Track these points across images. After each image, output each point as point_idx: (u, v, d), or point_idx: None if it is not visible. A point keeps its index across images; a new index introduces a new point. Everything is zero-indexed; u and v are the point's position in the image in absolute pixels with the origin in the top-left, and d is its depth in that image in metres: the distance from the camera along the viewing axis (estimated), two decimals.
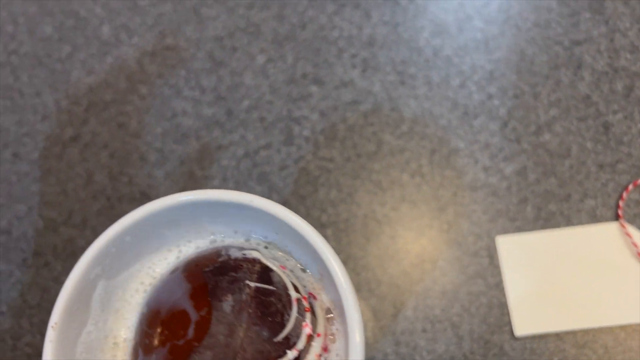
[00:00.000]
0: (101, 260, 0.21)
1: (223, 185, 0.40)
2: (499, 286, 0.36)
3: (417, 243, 0.37)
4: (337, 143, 0.40)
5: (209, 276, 0.21)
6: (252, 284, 0.21)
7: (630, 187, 0.36)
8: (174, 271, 0.22)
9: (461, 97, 0.40)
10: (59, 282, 0.40)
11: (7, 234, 0.41)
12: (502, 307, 0.35)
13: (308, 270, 0.23)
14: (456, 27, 0.41)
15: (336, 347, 0.21)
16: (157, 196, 0.41)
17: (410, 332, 0.35)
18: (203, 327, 0.20)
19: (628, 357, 0.33)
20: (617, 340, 0.34)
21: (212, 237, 0.23)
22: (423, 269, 0.37)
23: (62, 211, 0.41)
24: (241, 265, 0.22)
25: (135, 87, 0.43)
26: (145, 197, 0.41)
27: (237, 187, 0.40)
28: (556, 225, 0.36)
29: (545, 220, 0.36)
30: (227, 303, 0.20)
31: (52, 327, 0.20)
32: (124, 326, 0.22)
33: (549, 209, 0.37)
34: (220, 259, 0.22)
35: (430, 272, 0.36)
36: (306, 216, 0.39)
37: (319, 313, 0.23)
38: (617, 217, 0.36)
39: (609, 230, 0.36)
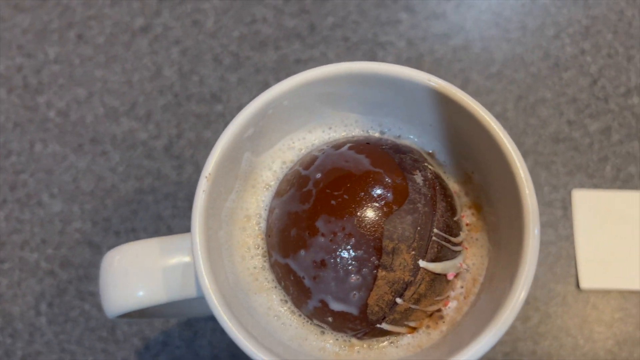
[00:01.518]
0: (257, 120, 0.20)
1: None
2: (569, 238, 0.35)
3: None
4: None
5: (391, 152, 0.21)
6: (431, 167, 0.21)
7: None
8: (332, 145, 0.21)
9: (554, 47, 0.39)
10: (116, 172, 0.38)
11: (64, 116, 0.39)
12: (570, 259, 0.35)
13: (446, 172, 0.23)
14: None
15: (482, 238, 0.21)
16: (229, 100, 0.39)
17: None
18: (401, 193, 0.19)
19: None
20: None
21: (355, 127, 0.22)
22: None
23: (125, 101, 0.40)
24: (412, 150, 0.21)
25: None
26: (216, 100, 0.39)
27: None
28: (633, 187, 0.36)
29: (623, 181, 0.36)
30: (418, 177, 0.20)
31: (206, 177, 0.19)
32: (260, 210, 0.21)
33: (629, 170, 0.36)
34: (389, 142, 0.21)
35: None
36: None
37: None
38: None
39: None
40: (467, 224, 0.22)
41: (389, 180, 0.20)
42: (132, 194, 0.38)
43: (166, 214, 0.37)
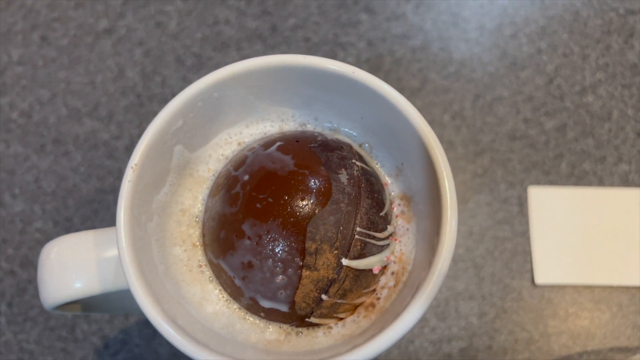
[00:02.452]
0: (186, 112, 0.20)
1: None
2: (525, 234, 0.36)
3: None
4: (381, 75, 0.39)
5: (318, 151, 0.21)
6: (359, 163, 0.21)
7: None
8: (263, 144, 0.22)
9: (511, 47, 0.40)
10: (78, 172, 0.38)
11: (27, 117, 0.40)
12: (526, 255, 0.36)
13: (378, 164, 0.23)
14: None
15: (412, 228, 0.22)
16: None
17: None
18: (324, 193, 0.20)
19: None
20: (633, 299, 0.35)
21: (292, 121, 0.23)
22: None
23: (88, 102, 0.40)
24: (342, 146, 0.22)
25: None
26: None
27: None
28: (588, 184, 0.37)
29: (578, 177, 0.37)
30: (343, 176, 0.21)
31: (132, 168, 0.19)
32: (196, 206, 0.22)
33: (583, 167, 0.37)
34: (319, 139, 0.22)
35: (459, 212, 0.36)
36: None
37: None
38: None
39: (638, 196, 0.36)
40: (397, 216, 0.22)
41: (313, 182, 0.20)
42: (94, 193, 0.38)
43: None
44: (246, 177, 0.21)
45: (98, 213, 0.38)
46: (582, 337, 0.34)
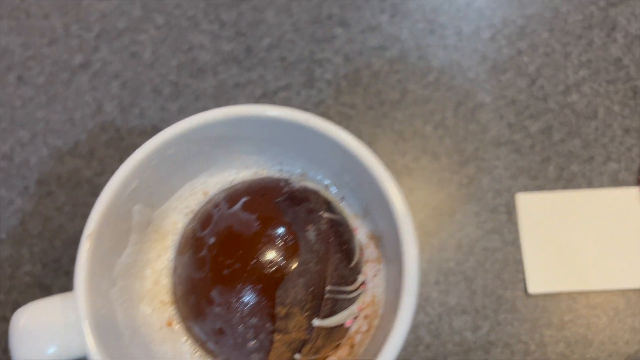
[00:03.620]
0: (140, 173, 0.20)
1: None
2: (515, 243, 0.35)
3: (435, 196, 0.36)
4: (360, 89, 0.39)
5: (284, 207, 0.21)
6: (327, 215, 0.21)
7: None
8: (228, 200, 0.21)
9: (491, 50, 0.39)
10: (62, 212, 0.38)
11: (8, 160, 0.40)
12: (517, 264, 0.35)
13: (346, 206, 0.23)
14: None
15: (382, 269, 0.21)
16: None
17: (423, 283, 0.35)
18: (292, 255, 0.20)
19: (638, 320, 0.34)
20: (629, 303, 0.34)
21: (255, 168, 0.22)
22: (440, 221, 0.36)
23: (68, 140, 0.40)
24: (308, 197, 0.21)
25: (150, 15, 0.41)
26: (157, 131, 0.38)
27: None
28: (577, 186, 0.36)
29: (566, 180, 0.36)
30: (310, 233, 0.20)
31: (88, 236, 0.19)
32: (164, 260, 0.21)
33: (572, 169, 0.36)
34: (285, 190, 0.21)
35: (447, 225, 0.36)
36: None
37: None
38: (638, 182, 0.36)
39: (629, 195, 0.35)
40: (366, 261, 0.22)
41: (280, 243, 0.20)
42: (80, 233, 0.38)
43: None
44: (212, 240, 0.20)
45: None
46: (580, 344, 0.34)
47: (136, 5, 0.42)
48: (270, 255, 0.20)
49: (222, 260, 0.20)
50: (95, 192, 0.39)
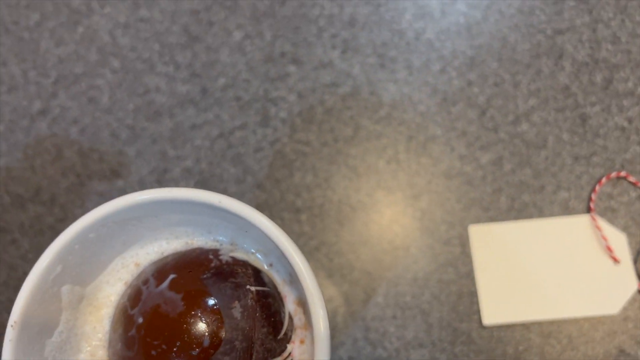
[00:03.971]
0: (63, 257, 0.20)
1: (196, 166, 0.39)
2: (469, 275, 0.36)
3: (390, 230, 0.37)
4: (314, 126, 0.39)
5: (210, 284, 0.21)
6: (253, 288, 0.21)
7: (604, 180, 0.36)
8: (157, 277, 0.22)
9: (441, 82, 0.39)
10: (27, 260, 0.39)
11: None
12: (472, 296, 0.36)
13: (274, 273, 0.23)
14: (439, 10, 0.40)
15: (308, 336, 0.22)
16: (129, 175, 0.40)
17: (381, 318, 0.36)
18: (217, 335, 0.20)
19: (590, 347, 0.34)
20: (581, 330, 0.34)
21: (185, 238, 0.23)
22: (395, 255, 0.37)
23: (30, 187, 0.40)
24: (236, 270, 0.22)
25: (106, 59, 0.42)
26: (116, 175, 0.40)
27: (211, 168, 0.39)
28: (529, 216, 0.37)
29: (518, 210, 0.37)
30: (236, 310, 0.21)
31: (12, 326, 0.19)
32: (99, 332, 0.22)
33: (523, 199, 0.37)
34: (212, 264, 0.22)
35: (402, 259, 0.37)
36: (280, 200, 0.38)
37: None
38: (589, 210, 0.36)
39: (580, 223, 0.36)
40: (295, 328, 0.23)
41: (205, 324, 0.20)
42: None
43: None
44: (140, 320, 0.21)
45: None
46: None
47: (92, 49, 0.42)
48: (195, 336, 0.20)
49: (149, 341, 0.20)
50: None
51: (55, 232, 0.39)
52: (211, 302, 0.21)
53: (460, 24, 0.40)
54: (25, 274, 0.39)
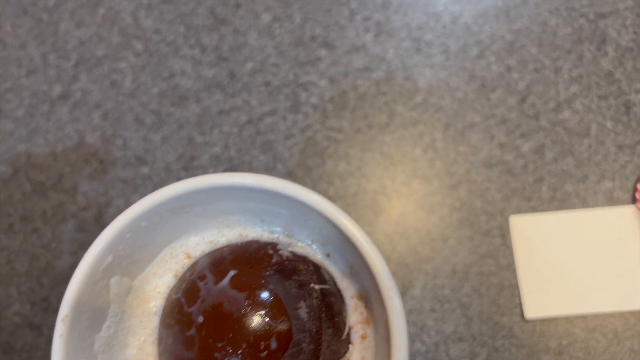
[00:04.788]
0: (114, 248, 0.19)
1: (225, 153, 0.38)
2: (510, 267, 0.35)
3: (427, 221, 0.36)
4: (347, 112, 0.38)
5: (274, 281, 0.20)
6: (317, 287, 0.20)
7: None
8: (214, 271, 0.20)
9: (479, 68, 0.38)
10: (49, 249, 0.37)
11: None
12: (513, 289, 0.34)
13: (333, 266, 0.22)
14: None
15: (371, 333, 0.20)
16: (154, 161, 0.38)
17: (419, 311, 0.35)
18: (285, 337, 0.19)
19: (637, 342, 0.33)
20: (627, 325, 0.33)
21: (238, 227, 0.22)
22: (433, 247, 0.35)
23: (51, 174, 0.39)
24: (298, 267, 0.21)
25: (129, 42, 0.40)
26: (141, 162, 0.38)
27: (240, 155, 0.38)
28: (572, 206, 0.35)
29: (560, 201, 0.35)
30: (302, 310, 0.19)
31: (62, 320, 0.18)
32: (147, 327, 0.20)
33: (565, 189, 0.36)
34: (273, 260, 0.21)
35: (440, 251, 0.35)
36: (312, 189, 0.37)
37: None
38: (634, 200, 0.35)
39: (625, 214, 0.35)
40: (353, 325, 0.21)
41: (272, 325, 0.19)
42: (68, 269, 0.37)
43: None
44: (200, 319, 0.19)
45: None
46: None
47: (114, 31, 0.40)
48: (263, 338, 0.19)
49: (212, 343, 0.19)
50: (82, 227, 0.38)
51: (78, 221, 0.38)
52: (277, 302, 0.19)
53: (498, 7, 0.39)
54: (47, 264, 0.38)
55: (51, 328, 0.37)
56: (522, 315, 0.34)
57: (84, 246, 0.37)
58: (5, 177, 0.39)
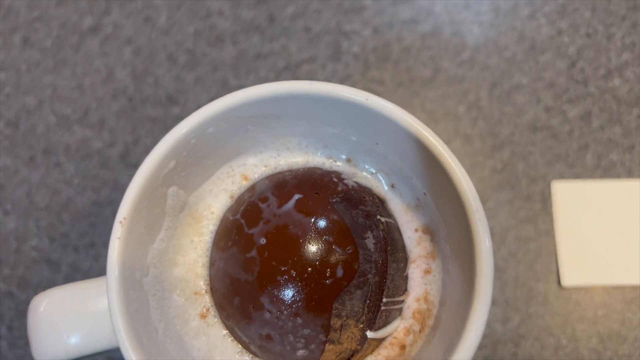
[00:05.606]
0: (178, 152, 0.18)
1: None
2: (549, 233, 0.34)
3: None
4: (390, 65, 0.37)
5: (341, 209, 0.19)
6: (384, 219, 0.19)
7: None
8: (278, 195, 0.19)
9: (529, 29, 0.37)
10: (71, 184, 0.36)
11: (13, 127, 0.37)
12: (551, 255, 0.33)
13: (397, 197, 0.21)
14: None
15: (437, 267, 0.19)
16: (186, 102, 0.37)
17: None
18: (351, 266, 0.18)
19: None
20: None
21: (299, 151, 0.20)
22: None
23: (77, 108, 0.37)
24: (364, 197, 0.19)
25: None
26: (172, 102, 0.37)
27: None
28: (616, 175, 0.34)
29: (604, 169, 0.34)
30: (369, 240, 0.18)
31: (121, 222, 0.17)
32: (197, 247, 0.19)
33: (610, 158, 0.35)
34: (339, 188, 0.19)
35: None
36: None
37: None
38: None
39: None
40: (415, 259, 0.20)
41: (339, 252, 0.18)
42: (90, 207, 0.36)
43: None
44: (263, 241, 0.18)
45: (95, 227, 0.36)
46: (613, 340, 0.32)
47: None
48: (329, 265, 0.18)
49: (275, 266, 0.18)
50: (106, 164, 0.36)
51: (103, 158, 0.37)
52: (344, 229, 0.18)
53: None
54: (69, 200, 0.36)
55: (70, 266, 0.35)
56: (558, 282, 0.33)
57: (107, 184, 0.36)
58: (29, 107, 0.37)
